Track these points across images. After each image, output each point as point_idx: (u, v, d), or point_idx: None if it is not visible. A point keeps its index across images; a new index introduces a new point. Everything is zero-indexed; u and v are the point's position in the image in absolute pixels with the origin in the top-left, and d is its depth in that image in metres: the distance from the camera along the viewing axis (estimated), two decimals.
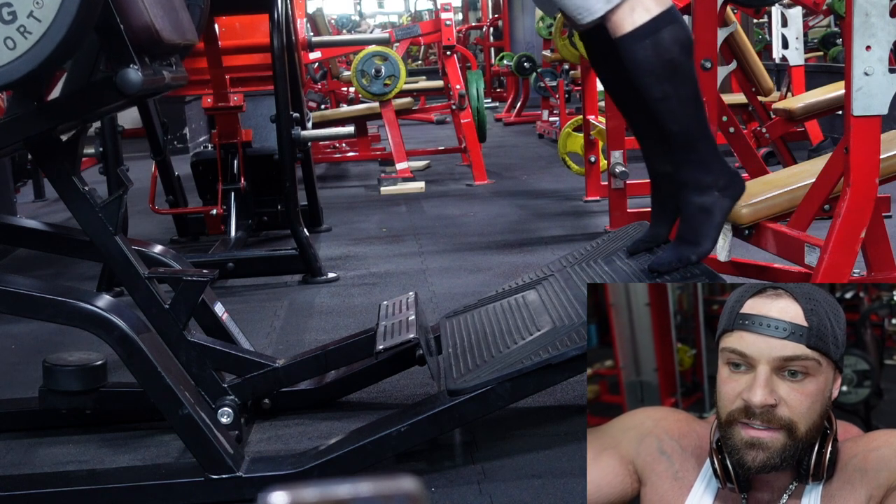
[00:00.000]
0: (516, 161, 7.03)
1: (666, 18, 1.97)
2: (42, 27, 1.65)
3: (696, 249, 2.06)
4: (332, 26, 12.26)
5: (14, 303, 1.89)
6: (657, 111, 2.02)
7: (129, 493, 1.88)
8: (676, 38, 1.97)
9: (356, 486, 0.59)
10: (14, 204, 5.02)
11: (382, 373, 2.37)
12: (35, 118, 1.92)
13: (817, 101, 4.76)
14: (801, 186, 2.53)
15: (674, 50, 1.96)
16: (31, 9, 1.64)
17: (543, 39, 8.60)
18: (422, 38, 6.74)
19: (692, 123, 2.02)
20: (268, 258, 3.78)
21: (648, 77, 1.98)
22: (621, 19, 1.97)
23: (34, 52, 1.66)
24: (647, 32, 1.96)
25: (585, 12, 1.99)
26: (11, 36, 1.65)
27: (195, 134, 8.70)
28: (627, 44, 1.97)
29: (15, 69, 1.66)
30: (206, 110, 4.44)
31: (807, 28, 8.27)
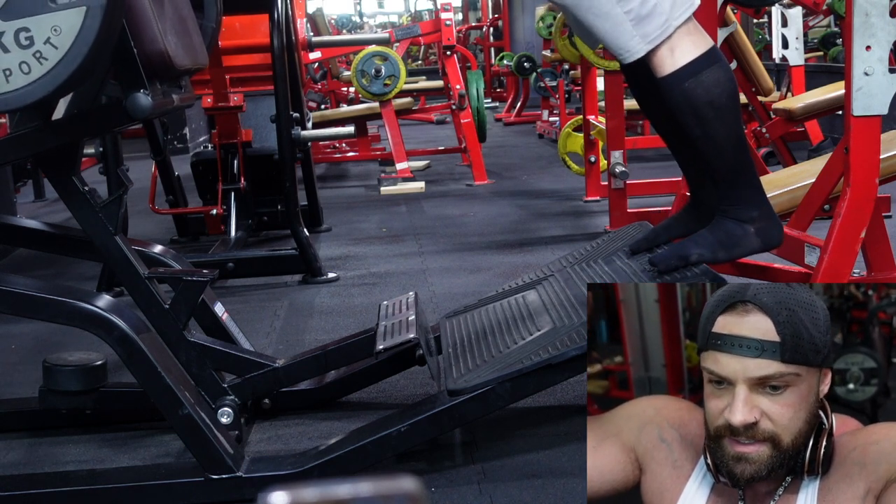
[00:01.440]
0: (516, 161, 7.03)
1: (707, 60, 1.98)
2: (58, 54, 1.64)
3: (699, 251, 2.06)
4: (332, 26, 12.26)
5: (14, 303, 1.89)
6: (699, 146, 2.04)
7: (129, 493, 1.88)
8: (717, 81, 1.97)
9: (356, 486, 0.59)
10: (14, 204, 5.02)
11: (382, 373, 2.37)
12: (42, 136, 1.94)
13: (817, 101, 4.76)
14: (801, 186, 2.53)
15: (714, 92, 1.97)
16: (49, 35, 1.64)
17: (543, 39, 8.60)
18: (422, 38, 6.74)
19: (734, 162, 2.03)
20: (268, 258, 3.78)
21: (689, 117, 1.99)
22: (662, 60, 1.98)
23: (48, 79, 1.65)
24: (687, 74, 1.96)
25: (627, 53, 1.99)
26: (27, 61, 1.64)
27: (195, 134, 8.70)
28: (668, 85, 1.98)
29: (27, 94, 1.66)
30: (206, 110, 4.43)
31: (807, 28, 8.27)
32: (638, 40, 1.97)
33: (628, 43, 1.98)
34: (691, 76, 1.96)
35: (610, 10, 1.96)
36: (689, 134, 2.02)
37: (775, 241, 2.09)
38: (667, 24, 1.96)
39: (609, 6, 1.96)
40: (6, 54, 1.64)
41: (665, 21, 1.96)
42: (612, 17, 1.97)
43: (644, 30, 1.96)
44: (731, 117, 2.00)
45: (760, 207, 2.07)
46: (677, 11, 1.97)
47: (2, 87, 1.65)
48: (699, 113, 1.98)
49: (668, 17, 1.96)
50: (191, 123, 8.48)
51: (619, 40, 1.99)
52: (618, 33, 1.98)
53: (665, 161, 6.09)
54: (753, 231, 2.07)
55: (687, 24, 1.98)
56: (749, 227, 2.06)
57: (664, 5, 1.96)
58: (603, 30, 1.99)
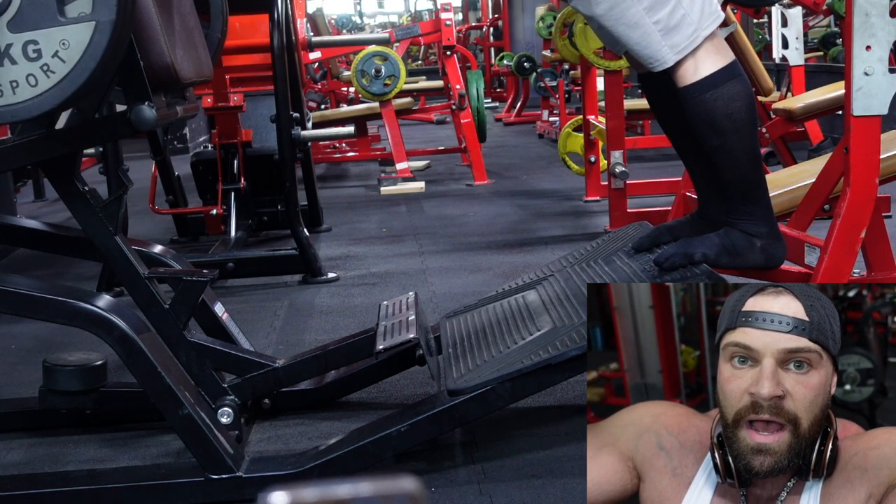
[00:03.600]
0: (516, 161, 7.03)
1: (728, 73, 2.01)
2: (66, 68, 1.64)
3: (703, 251, 2.07)
4: (332, 26, 12.26)
5: (14, 303, 1.89)
6: (713, 158, 2.06)
7: (129, 493, 1.88)
8: (737, 94, 2.00)
9: (356, 486, 0.59)
10: (14, 204, 5.02)
11: (382, 373, 2.37)
12: (45, 144, 1.94)
13: (817, 101, 4.76)
14: (801, 186, 2.53)
15: (733, 105, 2.00)
16: (57, 48, 1.64)
17: (543, 39, 8.61)
18: (422, 38, 6.74)
19: (747, 176, 2.05)
20: (268, 258, 3.78)
21: (707, 128, 2.02)
22: (685, 70, 2.01)
23: (54, 92, 1.65)
24: (708, 85, 1.99)
25: (656, 62, 2.02)
26: (34, 73, 1.64)
27: (195, 134, 8.70)
28: (689, 94, 2.01)
29: (33, 107, 1.66)
30: (206, 110, 4.44)
31: (807, 28, 8.26)
32: (667, 50, 2.00)
33: (657, 53, 2.01)
34: (712, 88, 1.99)
35: (640, 20, 1.99)
36: (706, 145, 2.05)
37: (778, 261, 2.13)
38: (695, 35, 1.99)
39: (639, 17, 1.99)
40: (14, 66, 1.64)
41: (693, 31, 1.99)
42: (642, 27, 2.00)
43: (672, 40, 1.99)
44: (748, 131, 2.03)
45: (770, 226, 2.09)
46: (705, 23, 2.00)
47: (8, 99, 1.65)
48: (717, 125, 2.00)
49: (696, 27, 1.99)
50: (191, 123, 8.48)
51: (648, 50, 2.01)
52: (647, 43, 2.01)
53: (665, 161, 6.09)
54: (759, 246, 2.09)
55: (712, 37, 2.02)
56: (756, 241, 2.09)
57: (692, 16, 1.99)
58: (632, 40, 2.02)
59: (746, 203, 2.08)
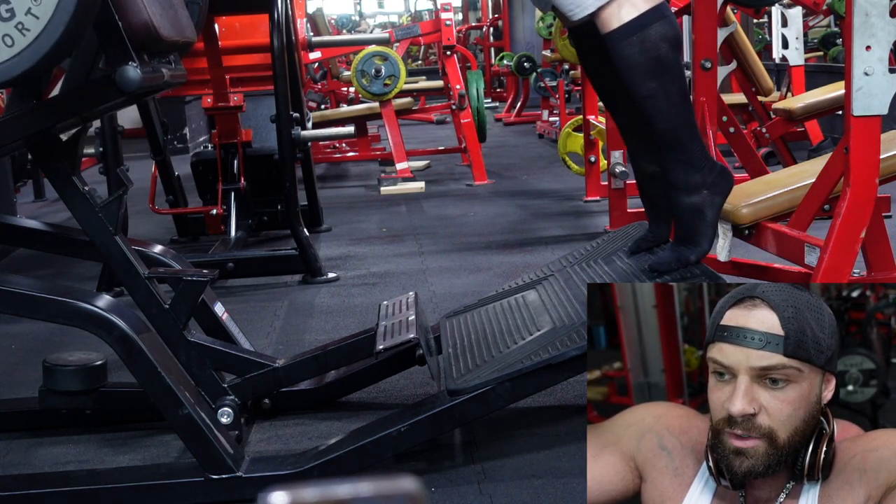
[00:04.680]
0: (516, 161, 7.03)
1: (654, 15, 1.97)
2: (40, 24, 1.65)
3: (694, 250, 2.07)
4: (332, 26, 12.26)
5: (14, 303, 1.89)
6: (644, 109, 2.02)
7: (129, 493, 1.88)
8: (664, 35, 1.96)
9: (356, 486, 0.59)
10: (14, 204, 5.02)
11: (382, 373, 2.37)
12: (34, 116, 1.92)
13: (817, 101, 4.76)
14: (801, 186, 2.53)
15: (661, 47, 1.96)
16: (30, 6, 1.64)
17: (543, 39, 8.60)
18: (422, 38, 6.74)
19: (679, 121, 2.02)
20: (268, 258, 3.78)
21: (635, 74, 1.97)
22: (610, 16, 1.97)
23: (32, 50, 1.66)
24: (634, 29, 1.96)
25: (577, 8, 2.00)
26: (9, 33, 1.65)
27: (195, 134, 8.70)
28: (615, 40, 1.97)
29: (13, 66, 1.66)
30: (206, 110, 4.44)
31: (807, 28, 8.27)
32: None
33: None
34: (638, 30, 1.96)
35: None
36: (636, 93, 2.00)
37: (729, 186, 2.10)
38: None
39: None
40: None
41: None
42: None
43: None
44: (677, 73, 1.99)
45: (703, 161, 2.05)
46: None
47: None
48: (645, 69, 1.96)
49: None
50: (191, 123, 8.48)
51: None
52: None
53: None
54: (707, 192, 2.06)
55: None
56: (702, 190, 2.06)
57: None
58: None
59: (680, 150, 2.03)
